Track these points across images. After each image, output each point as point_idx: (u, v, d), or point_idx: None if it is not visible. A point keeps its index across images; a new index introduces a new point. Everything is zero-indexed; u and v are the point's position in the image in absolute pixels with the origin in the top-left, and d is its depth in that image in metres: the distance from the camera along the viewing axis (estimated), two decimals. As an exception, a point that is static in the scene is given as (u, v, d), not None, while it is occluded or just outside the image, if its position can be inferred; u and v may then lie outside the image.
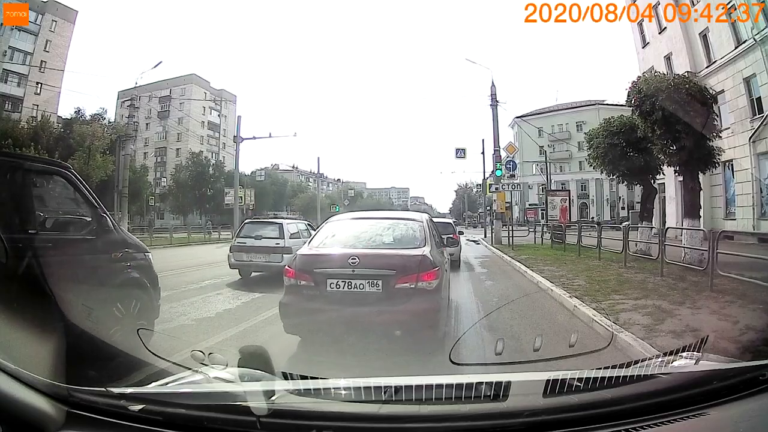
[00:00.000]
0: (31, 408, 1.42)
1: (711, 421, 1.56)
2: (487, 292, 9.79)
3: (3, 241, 3.54)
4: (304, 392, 1.67)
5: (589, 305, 7.07)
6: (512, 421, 1.53)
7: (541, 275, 10.75)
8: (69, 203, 4.82)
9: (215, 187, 56.01)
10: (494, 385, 1.65)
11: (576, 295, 7.88)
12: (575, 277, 10.13)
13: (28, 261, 3.76)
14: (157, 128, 70.33)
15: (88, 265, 4.66)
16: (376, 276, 4.88)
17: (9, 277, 3.54)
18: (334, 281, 4.92)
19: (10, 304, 3.30)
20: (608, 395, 1.65)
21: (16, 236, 3.80)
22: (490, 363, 2.39)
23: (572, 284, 9.20)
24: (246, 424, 1.48)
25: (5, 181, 3.93)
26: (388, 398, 1.64)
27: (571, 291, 8.33)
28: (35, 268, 3.74)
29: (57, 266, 4.10)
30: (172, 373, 1.96)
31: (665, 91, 11.18)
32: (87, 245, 4.66)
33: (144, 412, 1.52)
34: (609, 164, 15.74)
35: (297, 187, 77.89)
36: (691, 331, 5.20)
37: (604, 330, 5.75)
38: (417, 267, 4.95)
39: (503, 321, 6.70)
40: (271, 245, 11.20)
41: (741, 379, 1.70)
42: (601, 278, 9.82)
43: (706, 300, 7.07)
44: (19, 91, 46.14)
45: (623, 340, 5.19)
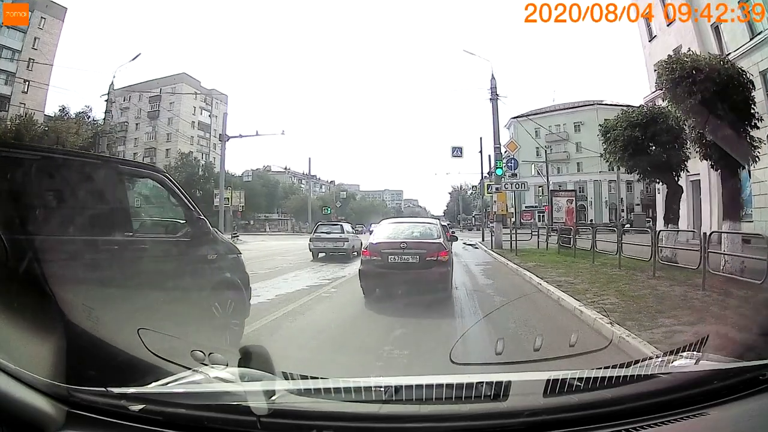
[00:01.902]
0: (32, 408, 1.43)
1: (711, 421, 1.59)
2: (502, 315, 7.41)
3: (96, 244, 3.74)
4: (305, 392, 1.69)
5: (637, 335, 5.65)
6: (512, 421, 1.55)
7: (561, 289, 9.20)
8: (165, 206, 5.15)
9: (205, 188, 55.49)
10: (494, 384, 1.67)
11: (616, 320, 6.34)
12: (603, 292, 8.68)
13: (123, 263, 4.05)
14: (147, 128, 69.58)
15: (185, 267, 4.88)
16: (415, 253, 8.81)
17: (105, 279, 3.80)
18: (393, 256, 8.85)
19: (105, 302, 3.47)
20: (608, 395, 1.68)
21: (113, 239, 4.06)
22: (490, 363, 2.40)
23: (603, 302, 7.71)
24: (246, 424, 1.50)
25: (106, 185, 4.16)
26: (389, 398, 1.66)
27: (605, 312, 6.85)
28: (130, 270, 4.07)
29: (153, 268, 4.42)
30: (173, 373, 1.97)
31: (703, 71, 10.05)
32: (183, 247, 4.88)
33: (144, 412, 1.53)
34: (629, 159, 14.04)
35: (288, 188, 77.60)
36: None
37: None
38: (437, 249, 8.95)
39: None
40: (337, 237, 19.64)
41: (741, 378, 1.73)
42: (634, 293, 8.42)
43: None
44: (6, 90, 45.81)
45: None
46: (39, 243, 3.20)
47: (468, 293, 10.04)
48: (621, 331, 5.92)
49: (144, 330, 3.17)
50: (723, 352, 4.44)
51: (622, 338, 5.71)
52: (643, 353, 5.09)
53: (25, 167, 3.51)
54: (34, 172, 3.57)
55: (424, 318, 7.51)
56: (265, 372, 1.84)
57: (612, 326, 6.14)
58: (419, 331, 6.44)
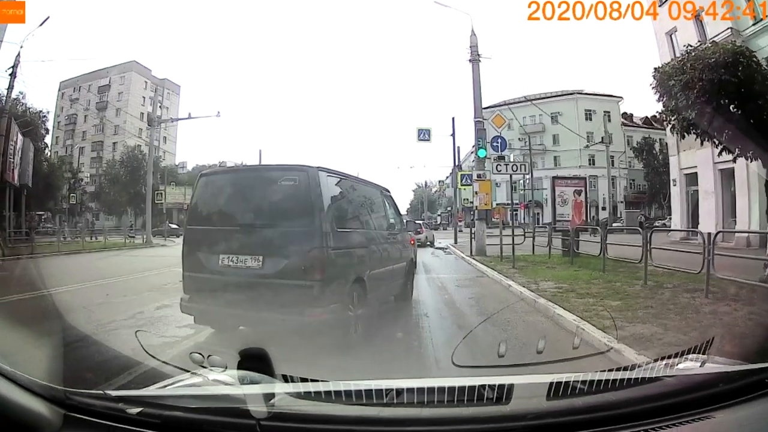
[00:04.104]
0: (28, 411, 1.43)
1: (716, 424, 1.59)
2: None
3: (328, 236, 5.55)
4: (305, 395, 1.69)
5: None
6: (516, 424, 1.55)
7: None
8: (389, 209, 8.35)
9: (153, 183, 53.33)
10: (497, 387, 1.67)
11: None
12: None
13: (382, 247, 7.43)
14: (95, 121, 66.87)
15: (404, 250, 8.62)
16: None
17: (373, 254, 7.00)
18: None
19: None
20: (613, 398, 1.68)
21: (381, 233, 7.54)
22: (493, 365, 2.41)
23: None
24: (245, 428, 1.50)
25: (390, 202, 8.48)
26: (390, 401, 1.66)
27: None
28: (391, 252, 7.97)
29: (396, 250, 8.14)
30: (171, 376, 1.98)
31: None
32: (401, 237, 8.63)
33: (142, 415, 1.53)
34: (711, 117, 9.13)
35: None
36: None
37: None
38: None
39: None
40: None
41: (746, 381, 1.73)
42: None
43: None
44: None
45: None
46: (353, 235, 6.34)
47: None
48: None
49: (142, 332, 3.21)
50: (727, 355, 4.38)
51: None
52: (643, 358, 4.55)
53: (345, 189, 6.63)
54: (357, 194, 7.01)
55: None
56: (265, 375, 1.84)
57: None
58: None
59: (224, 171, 8.41)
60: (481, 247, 18.07)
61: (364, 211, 6.96)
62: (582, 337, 5.71)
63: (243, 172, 7.18)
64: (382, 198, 8.05)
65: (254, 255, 5.32)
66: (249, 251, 5.30)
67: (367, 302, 6.00)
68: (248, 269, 5.28)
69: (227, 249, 5.40)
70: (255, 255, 5.32)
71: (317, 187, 5.40)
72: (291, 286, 5.12)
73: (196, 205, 6.09)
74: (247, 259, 5.31)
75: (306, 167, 5.50)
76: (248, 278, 5.25)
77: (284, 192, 5.52)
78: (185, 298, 5.68)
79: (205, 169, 12.58)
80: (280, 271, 5.20)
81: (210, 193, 6.04)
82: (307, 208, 5.33)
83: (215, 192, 5.99)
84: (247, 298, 5.24)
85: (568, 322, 6.52)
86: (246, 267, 5.30)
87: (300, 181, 5.45)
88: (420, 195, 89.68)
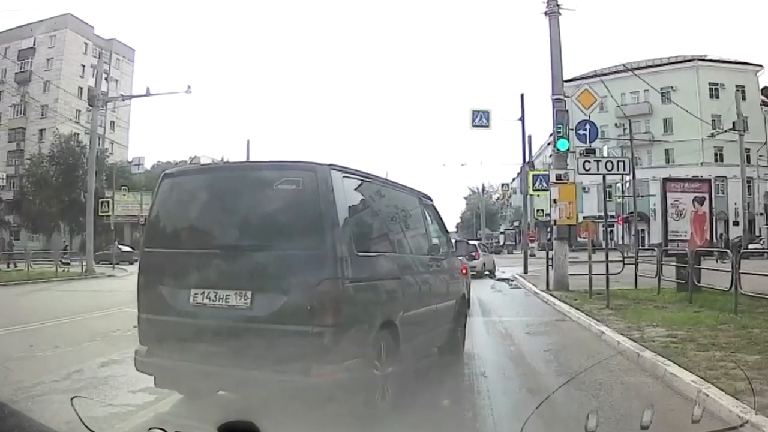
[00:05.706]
0: None
1: None
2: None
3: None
4: None
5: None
6: None
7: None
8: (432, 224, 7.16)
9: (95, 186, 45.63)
10: None
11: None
12: None
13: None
14: (13, 99, 54.33)
15: (452, 283, 7.13)
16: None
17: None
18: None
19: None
20: None
21: (421, 258, 6.05)
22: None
23: None
24: None
25: (432, 215, 6.94)
26: None
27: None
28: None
29: (441, 282, 6.62)
30: None
31: None
32: (448, 264, 7.14)
33: None
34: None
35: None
36: None
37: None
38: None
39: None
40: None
41: None
42: None
43: None
44: None
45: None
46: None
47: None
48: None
49: (80, 399, 3.02)
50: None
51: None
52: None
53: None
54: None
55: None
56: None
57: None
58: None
59: (197, 170, 6.76)
60: (562, 277, 15.36)
61: (396, 228, 6.02)
62: (705, 406, 4.91)
63: (224, 171, 6.03)
64: (422, 209, 6.97)
65: (240, 290, 4.50)
66: (232, 284, 4.49)
67: (400, 356, 5.23)
68: (231, 309, 4.48)
69: (201, 281, 4.62)
70: (241, 290, 4.50)
71: (330, 193, 4.53)
72: (291, 333, 4.31)
73: (157, 218, 5.26)
74: (229, 296, 4.50)
75: (314, 165, 4.69)
76: (231, 322, 4.47)
77: (283, 200, 4.71)
78: (142, 350, 4.85)
79: (170, 167, 10.62)
80: (277, 312, 4.36)
81: (177, 202, 5.19)
82: (316, 223, 4.50)
83: (184, 200, 5.11)
84: (230, 350, 4.41)
85: (685, 385, 5.59)
86: (228, 306, 4.50)
87: (305, 184, 4.61)
88: (475, 204, 74.71)
